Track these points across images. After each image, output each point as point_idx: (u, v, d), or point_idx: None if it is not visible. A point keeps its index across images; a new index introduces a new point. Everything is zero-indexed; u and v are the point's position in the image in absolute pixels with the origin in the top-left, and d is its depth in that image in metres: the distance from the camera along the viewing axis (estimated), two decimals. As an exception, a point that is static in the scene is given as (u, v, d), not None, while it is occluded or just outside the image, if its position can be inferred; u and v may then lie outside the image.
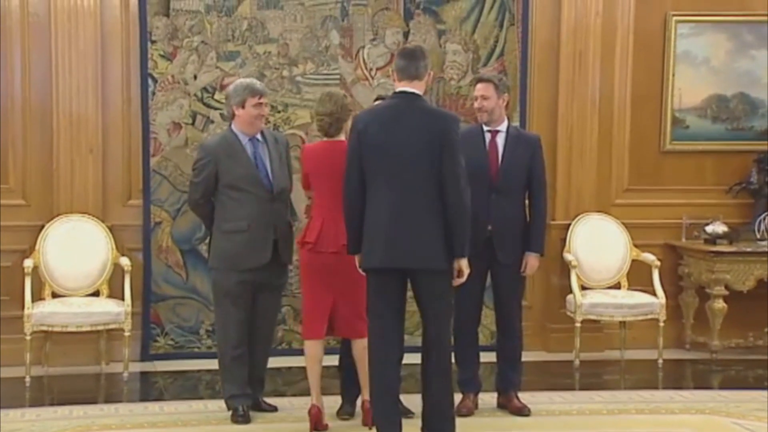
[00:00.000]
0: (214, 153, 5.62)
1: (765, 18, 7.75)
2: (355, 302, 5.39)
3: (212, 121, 7.17)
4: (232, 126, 5.69)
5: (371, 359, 5.06)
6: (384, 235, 4.87)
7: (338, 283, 5.35)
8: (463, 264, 4.97)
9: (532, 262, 5.89)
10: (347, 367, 5.69)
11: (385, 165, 4.89)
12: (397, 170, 4.86)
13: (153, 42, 7.08)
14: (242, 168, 5.60)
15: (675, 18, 7.67)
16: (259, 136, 5.68)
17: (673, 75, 7.70)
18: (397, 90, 5.04)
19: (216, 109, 7.17)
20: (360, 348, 5.39)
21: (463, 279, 5.03)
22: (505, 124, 5.93)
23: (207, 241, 6.06)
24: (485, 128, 5.87)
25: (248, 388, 5.74)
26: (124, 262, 6.83)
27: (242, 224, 5.57)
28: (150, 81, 7.08)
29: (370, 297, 5.02)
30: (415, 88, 4.97)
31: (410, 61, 4.99)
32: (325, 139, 5.55)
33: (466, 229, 4.91)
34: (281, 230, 5.70)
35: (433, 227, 4.85)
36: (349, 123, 5.41)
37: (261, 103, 5.61)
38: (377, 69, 7.34)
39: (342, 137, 5.47)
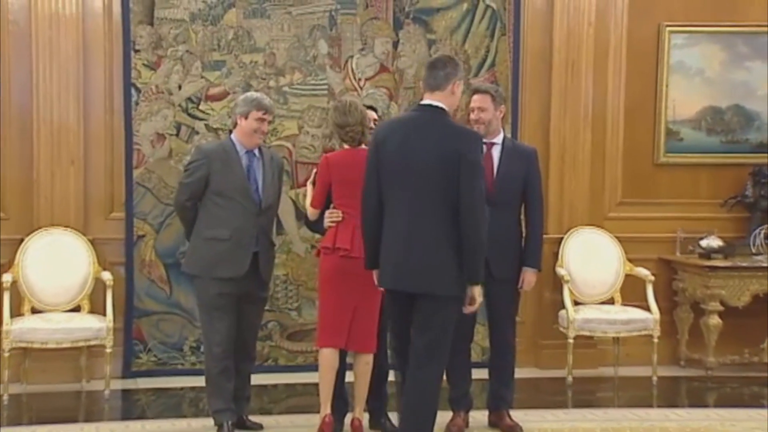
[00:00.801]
0: (209, 157, 5.65)
1: (760, 29, 7.74)
2: (371, 315, 5.43)
3: (197, 132, 7.13)
4: (232, 136, 5.75)
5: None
6: (394, 255, 4.83)
7: (362, 292, 5.32)
8: (477, 291, 4.89)
9: (529, 277, 5.86)
10: (336, 382, 5.59)
11: (401, 181, 4.82)
12: (412, 188, 4.78)
13: (136, 51, 7.04)
14: (234, 177, 5.62)
15: (669, 28, 7.67)
16: (256, 152, 5.72)
17: (667, 86, 7.70)
18: (421, 102, 4.96)
19: (201, 119, 7.14)
20: (363, 363, 5.38)
21: (475, 307, 4.96)
22: (501, 136, 5.93)
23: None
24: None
25: (233, 403, 5.69)
26: (106, 276, 6.78)
27: (224, 233, 5.58)
28: (133, 91, 7.04)
29: (384, 313, 5.01)
30: (438, 99, 4.88)
31: (431, 70, 4.92)
32: (346, 147, 5.56)
33: (481, 255, 4.81)
34: (263, 245, 5.72)
35: (444, 251, 4.76)
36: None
37: (263, 119, 5.67)
38: (366, 79, 7.32)
39: (365, 145, 5.47)
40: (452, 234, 4.74)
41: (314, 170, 5.84)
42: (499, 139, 5.88)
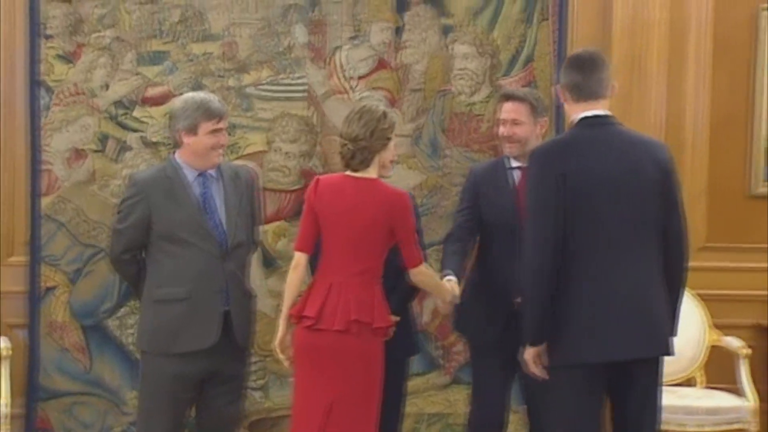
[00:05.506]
0: (147, 190, 5.25)
1: None
2: (359, 414, 4.98)
3: (129, 148, 6.59)
4: (176, 156, 5.31)
5: None
6: (613, 312, 4.67)
7: (340, 377, 4.91)
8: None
9: None
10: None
11: (607, 218, 4.68)
12: (624, 221, 4.69)
13: (48, 37, 6.55)
14: (184, 212, 5.23)
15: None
16: (212, 171, 5.31)
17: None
18: (586, 115, 4.72)
19: (135, 131, 6.62)
20: None
21: None
22: (538, 158, 5.54)
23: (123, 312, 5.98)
24: (512, 163, 5.51)
25: None
26: (2, 344, 6.30)
27: (180, 291, 5.19)
28: (42, 91, 6.56)
29: (566, 410, 4.71)
30: (603, 109, 4.74)
31: (592, 72, 4.74)
32: (348, 172, 5.11)
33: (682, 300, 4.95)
34: (235, 298, 5.28)
35: (662, 297, 4.78)
36: (386, 154, 5.08)
37: (219, 129, 5.23)
38: (359, 78, 6.73)
39: (371, 173, 5.05)
40: (660, 273, 4.79)
41: None
42: (536, 164, 5.49)
